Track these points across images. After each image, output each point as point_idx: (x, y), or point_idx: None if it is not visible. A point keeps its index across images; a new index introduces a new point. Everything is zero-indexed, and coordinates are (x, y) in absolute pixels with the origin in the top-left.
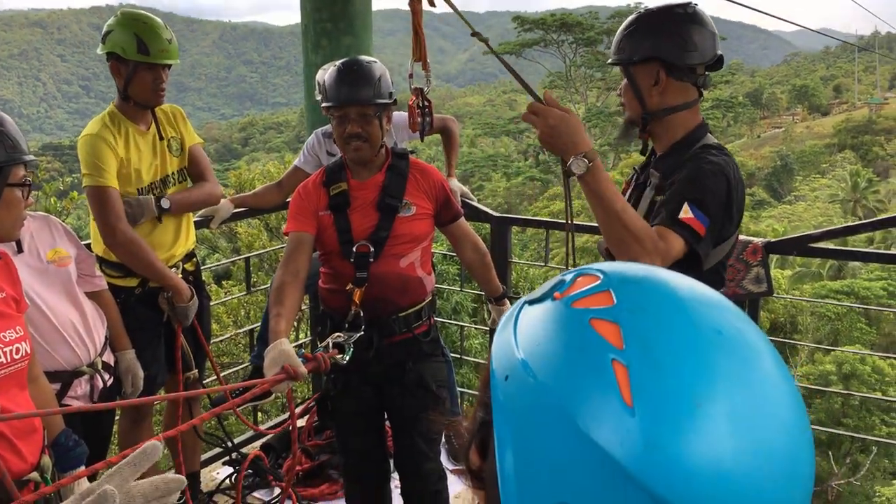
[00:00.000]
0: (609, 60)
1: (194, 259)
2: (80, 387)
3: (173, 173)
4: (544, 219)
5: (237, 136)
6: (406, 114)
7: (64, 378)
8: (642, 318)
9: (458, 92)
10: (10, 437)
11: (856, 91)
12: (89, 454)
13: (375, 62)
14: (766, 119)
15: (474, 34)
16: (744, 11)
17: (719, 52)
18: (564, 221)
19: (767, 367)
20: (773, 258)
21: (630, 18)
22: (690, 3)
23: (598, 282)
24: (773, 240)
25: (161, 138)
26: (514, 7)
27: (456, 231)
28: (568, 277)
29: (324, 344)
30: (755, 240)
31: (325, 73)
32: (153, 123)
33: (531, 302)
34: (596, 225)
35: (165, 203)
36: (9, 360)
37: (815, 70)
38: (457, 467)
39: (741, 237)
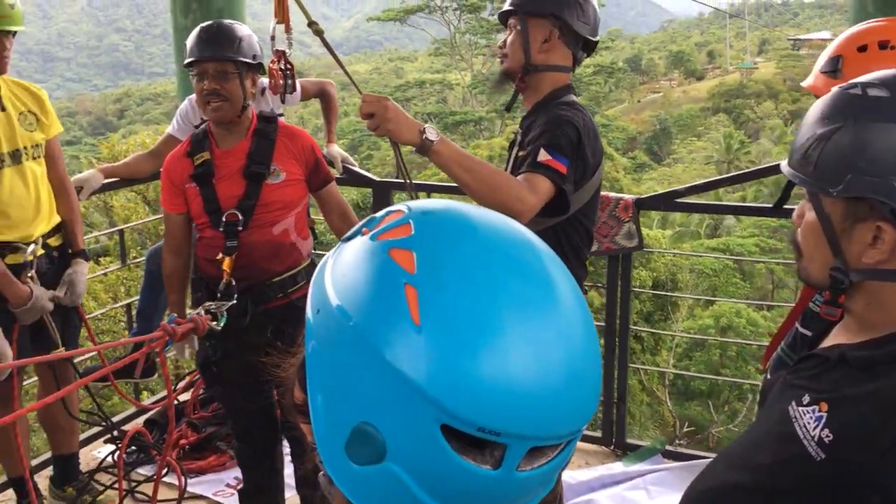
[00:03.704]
0: (506, 5)
1: (61, 233)
2: None
3: (26, 147)
4: (425, 182)
5: (112, 107)
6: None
7: None
8: (435, 245)
9: (343, 60)
10: None
11: (728, 56)
12: None
13: (241, 24)
14: (645, 84)
15: (310, 24)
16: None
17: (598, 38)
18: (418, 182)
19: (556, 290)
20: (654, 219)
21: None
22: None
23: (402, 215)
24: (642, 196)
25: (2, 109)
26: None
27: (325, 196)
28: (379, 214)
29: (196, 311)
30: (626, 196)
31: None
32: None
33: (346, 240)
34: (443, 184)
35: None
36: None
37: (689, 36)
38: None
39: (612, 194)
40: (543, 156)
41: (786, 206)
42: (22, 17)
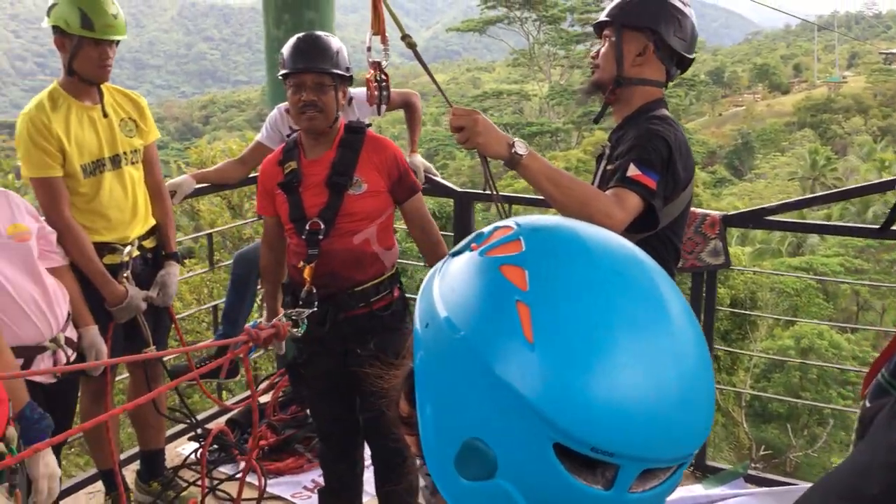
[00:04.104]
0: (601, 16)
1: (155, 236)
2: (44, 362)
3: (126, 152)
4: (507, 194)
5: (198, 114)
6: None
7: (27, 353)
8: (547, 262)
9: (421, 69)
10: None
11: (815, 70)
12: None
13: (335, 37)
14: (727, 97)
15: (404, 37)
16: None
17: (693, 55)
18: (504, 195)
19: (668, 309)
20: (734, 235)
21: None
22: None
23: (511, 232)
24: (730, 213)
25: (105, 115)
26: None
27: (408, 209)
28: (486, 230)
29: (279, 316)
30: (713, 213)
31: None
32: (99, 100)
33: (454, 254)
34: (529, 196)
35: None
36: None
37: (775, 49)
38: None
39: (699, 210)
40: (633, 171)
41: (894, 228)
42: (125, 27)
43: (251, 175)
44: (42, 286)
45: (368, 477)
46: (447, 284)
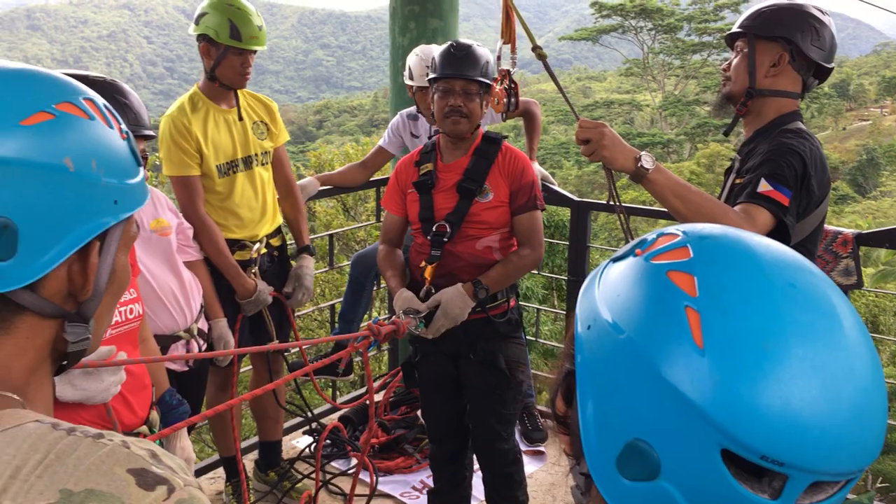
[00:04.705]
0: (735, 27)
1: (280, 234)
2: (178, 351)
3: (257, 154)
4: (630, 205)
5: (312, 118)
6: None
7: (163, 342)
8: (716, 270)
9: (531, 78)
10: (122, 392)
11: None
12: None
13: (483, 47)
14: (852, 111)
15: (535, 48)
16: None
17: (832, 65)
18: (626, 206)
19: (841, 321)
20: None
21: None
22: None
23: (678, 239)
24: (864, 231)
25: (240, 118)
26: None
27: (515, 221)
28: (650, 237)
29: (398, 313)
30: (845, 230)
31: (432, 51)
32: (235, 104)
33: (615, 260)
34: (647, 207)
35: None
36: (123, 319)
37: None
38: (530, 448)
39: (831, 227)
40: (764, 186)
41: None
42: (265, 37)
43: (372, 178)
44: (180, 279)
45: (477, 482)
46: (610, 288)
